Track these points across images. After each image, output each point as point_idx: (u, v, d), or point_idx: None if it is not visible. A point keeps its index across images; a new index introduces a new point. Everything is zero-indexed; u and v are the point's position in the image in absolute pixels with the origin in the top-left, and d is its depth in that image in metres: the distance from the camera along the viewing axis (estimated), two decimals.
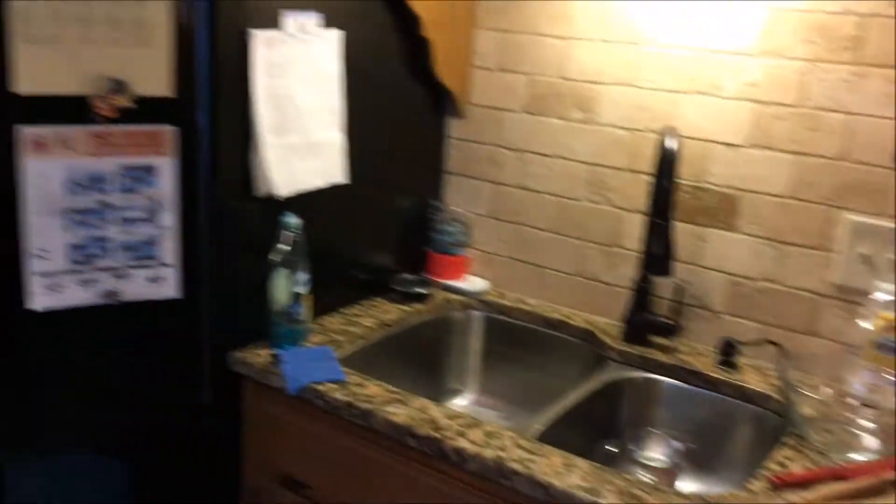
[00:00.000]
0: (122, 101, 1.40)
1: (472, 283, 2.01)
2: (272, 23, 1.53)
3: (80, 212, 1.43)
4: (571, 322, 1.86)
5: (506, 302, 1.95)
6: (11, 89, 1.32)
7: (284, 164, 1.59)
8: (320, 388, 1.49)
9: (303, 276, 1.61)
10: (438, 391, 1.92)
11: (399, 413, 1.42)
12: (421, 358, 1.90)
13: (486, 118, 1.96)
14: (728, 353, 1.67)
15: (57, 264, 1.43)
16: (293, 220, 1.58)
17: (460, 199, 2.04)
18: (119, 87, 1.38)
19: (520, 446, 1.34)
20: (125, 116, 1.41)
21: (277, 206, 1.59)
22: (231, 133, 1.52)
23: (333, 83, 1.66)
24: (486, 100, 1.95)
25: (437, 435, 1.36)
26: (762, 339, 1.67)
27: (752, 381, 1.62)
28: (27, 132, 1.36)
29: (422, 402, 1.46)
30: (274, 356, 1.59)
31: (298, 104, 1.60)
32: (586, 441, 1.58)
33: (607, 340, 1.76)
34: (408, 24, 1.80)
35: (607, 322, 1.85)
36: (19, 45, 1.31)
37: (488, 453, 1.31)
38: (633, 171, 1.78)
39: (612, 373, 1.71)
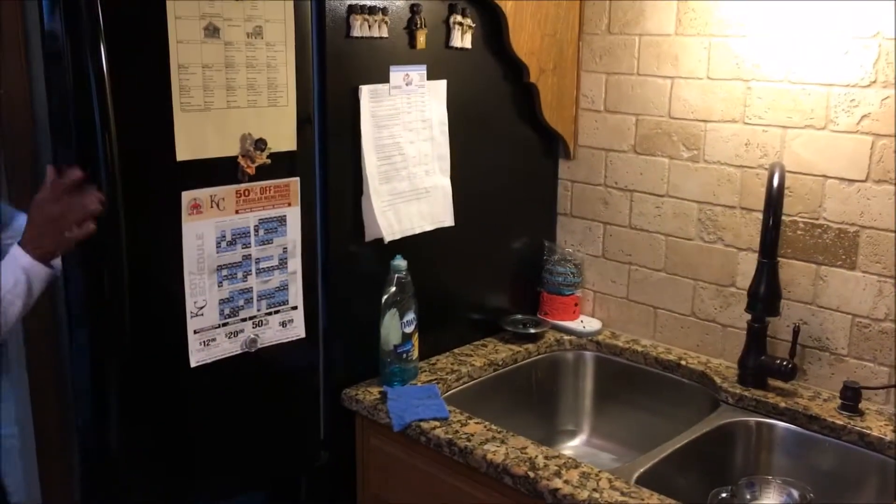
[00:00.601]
0: (262, 159, 1.50)
1: (585, 323, 2.01)
2: (380, 77, 1.62)
3: (227, 267, 1.51)
4: (685, 363, 1.82)
5: (619, 342, 1.93)
6: (176, 158, 1.41)
7: (392, 210, 1.67)
8: (424, 425, 1.54)
9: (412, 317, 1.67)
10: (551, 432, 1.92)
11: (497, 452, 1.44)
12: (532, 398, 1.91)
13: (596, 159, 1.97)
14: (851, 397, 1.58)
15: (210, 320, 1.50)
16: (401, 262, 1.65)
17: (572, 239, 2.05)
18: (262, 145, 1.50)
19: (615, 488, 1.33)
20: (259, 173, 1.51)
21: (387, 249, 1.67)
22: (343, 182, 1.61)
23: (440, 131, 1.74)
24: (595, 141, 1.97)
25: (532, 475, 1.37)
26: (889, 384, 1.57)
27: (878, 427, 1.53)
28: (185, 196, 1.44)
29: (521, 441, 1.48)
30: (382, 393, 1.65)
31: (405, 152, 1.68)
32: (697, 486, 1.54)
33: (722, 383, 1.71)
34: (514, 72, 1.85)
35: (722, 364, 1.79)
36: (179, 115, 1.40)
37: (582, 494, 1.31)
38: (744, 209, 1.74)
39: (727, 416, 1.65)
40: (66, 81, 1.32)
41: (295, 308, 1.62)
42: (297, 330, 1.63)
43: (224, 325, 1.53)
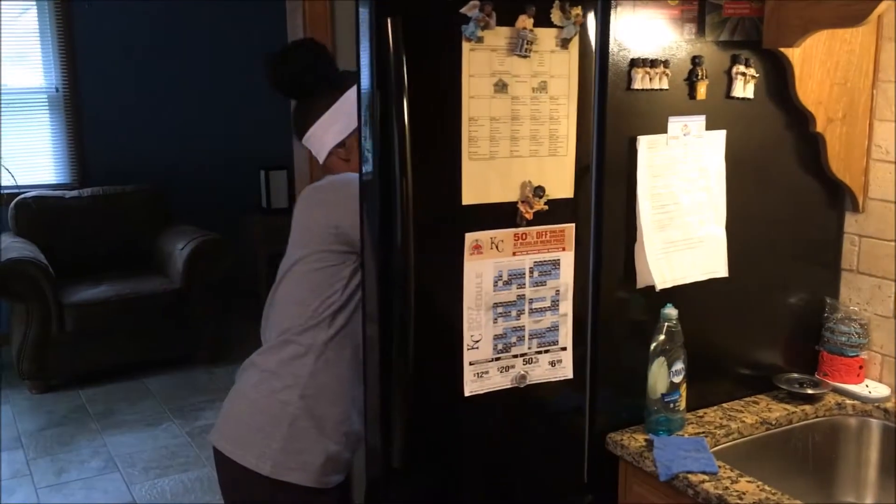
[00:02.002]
0: (539, 205, 1.59)
1: (871, 388, 1.86)
2: (658, 128, 1.65)
3: (503, 305, 1.60)
4: None
5: None
6: (462, 202, 1.54)
7: (665, 258, 1.68)
8: (692, 478, 1.52)
9: (679, 367, 1.66)
10: (827, 501, 1.80)
11: None
12: (807, 463, 1.80)
13: (889, 213, 1.84)
14: None
15: (484, 353, 1.60)
16: (672, 311, 1.65)
17: (858, 297, 1.92)
18: (540, 192, 1.59)
19: None
20: (536, 218, 1.59)
21: (657, 296, 1.68)
22: (616, 229, 1.65)
23: (716, 181, 1.72)
24: (889, 193, 1.84)
25: None
26: None
27: None
28: (469, 237, 1.55)
29: None
30: (648, 441, 1.65)
31: (680, 201, 1.69)
32: None
33: None
34: (798, 122, 1.79)
35: None
36: (467, 163, 1.53)
37: None
38: None
39: None
40: (375, 132, 1.50)
41: (564, 349, 1.67)
42: (566, 370, 1.67)
43: (497, 359, 1.62)
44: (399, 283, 1.49)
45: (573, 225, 1.63)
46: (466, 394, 1.59)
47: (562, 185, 1.61)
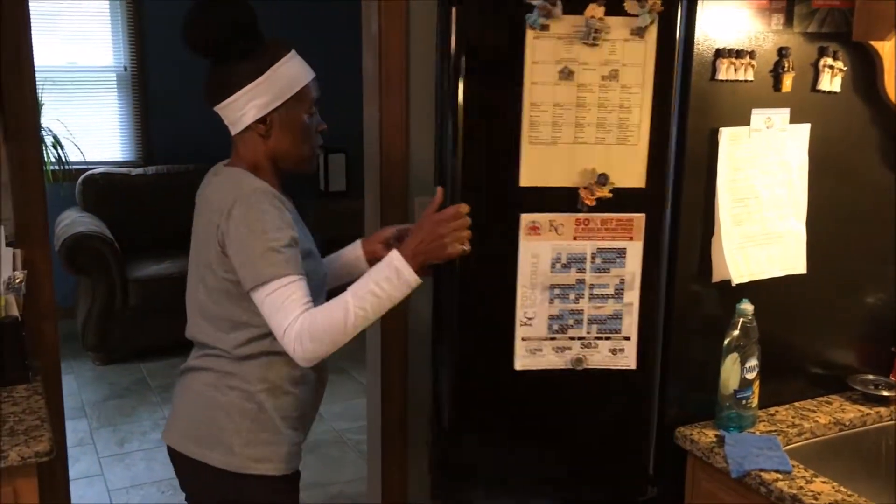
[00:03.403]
0: (603, 193, 1.60)
1: None
2: (741, 120, 1.62)
3: (560, 287, 1.64)
4: None
5: None
6: (518, 184, 1.60)
7: (742, 253, 1.65)
8: (765, 476, 1.50)
9: (753, 363, 1.63)
10: None
11: None
12: (879, 466, 1.76)
13: None
14: None
15: (538, 331, 1.65)
16: (748, 306, 1.63)
17: None
18: (603, 180, 1.59)
19: None
20: (601, 205, 1.61)
21: (732, 291, 1.65)
22: (693, 222, 1.63)
23: (798, 175, 1.69)
24: None
25: None
26: None
27: None
28: (525, 218, 1.61)
29: None
30: (719, 437, 1.63)
31: (760, 195, 1.66)
32: None
33: None
34: (885, 117, 1.75)
35: None
36: (526, 147, 1.59)
37: None
38: None
39: None
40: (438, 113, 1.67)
41: (627, 339, 1.66)
42: (628, 360, 1.67)
43: (552, 339, 1.66)
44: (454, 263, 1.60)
45: (643, 215, 1.62)
46: (517, 367, 1.65)
47: (631, 174, 1.61)
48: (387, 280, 1.49)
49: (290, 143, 1.61)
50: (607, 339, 1.66)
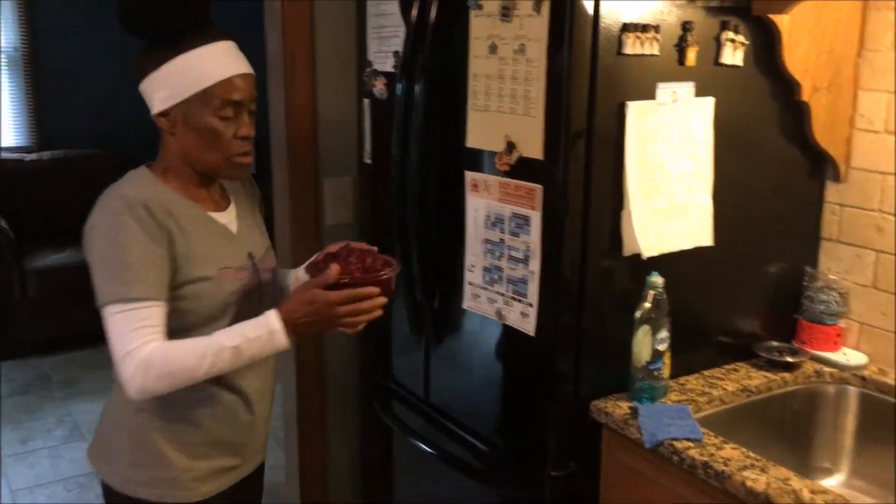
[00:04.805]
0: (511, 160, 1.66)
1: (848, 356, 1.88)
2: (649, 94, 1.63)
3: (490, 242, 1.77)
4: None
5: (888, 380, 1.79)
6: (465, 144, 1.80)
7: (651, 226, 1.67)
8: (677, 444, 1.52)
9: (664, 335, 1.66)
10: (804, 468, 1.82)
11: (758, 480, 1.39)
12: (785, 430, 1.82)
13: (870, 182, 1.85)
14: None
15: (477, 279, 1.82)
16: (657, 279, 1.65)
17: (837, 266, 1.94)
18: (510, 148, 1.62)
19: None
20: (515, 172, 1.68)
21: (642, 265, 1.67)
22: (603, 196, 1.64)
23: (703, 149, 1.71)
24: (870, 163, 1.85)
25: None
26: None
27: None
28: (468, 175, 1.80)
29: (783, 471, 1.42)
30: (632, 409, 1.65)
31: (668, 169, 1.67)
32: None
33: None
34: (785, 90, 1.79)
35: None
36: (470, 112, 1.77)
37: None
38: None
39: None
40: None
41: (531, 305, 1.69)
42: (529, 326, 1.70)
43: (485, 288, 1.81)
44: (414, 199, 1.92)
45: (540, 187, 1.63)
46: (464, 306, 1.86)
47: (532, 145, 1.64)
48: (257, 339, 1.42)
49: (194, 145, 1.48)
50: (518, 301, 1.72)
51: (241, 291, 1.55)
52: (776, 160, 1.86)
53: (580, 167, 1.61)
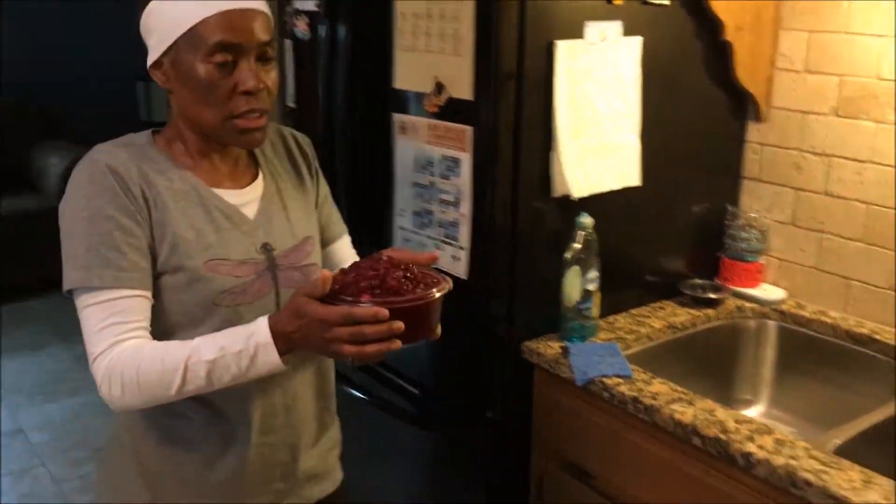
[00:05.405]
0: (440, 101, 1.62)
1: (768, 291, 1.94)
2: (576, 33, 1.61)
3: (420, 186, 1.75)
4: (880, 338, 1.73)
5: (804, 313, 1.86)
6: (393, 85, 1.76)
7: (581, 166, 1.67)
8: (607, 381, 1.55)
9: (593, 275, 1.67)
10: (726, 399, 1.88)
11: (685, 412, 1.43)
12: (709, 363, 1.88)
13: (790, 122, 1.89)
14: None
15: (407, 223, 1.81)
16: (587, 219, 1.65)
17: (758, 204, 1.99)
18: (439, 89, 1.57)
19: (813, 457, 1.29)
20: (443, 114, 1.65)
21: (572, 205, 1.67)
22: (534, 136, 1.63)
23: (632, 88, 1.71)
24: (790, 103, 1.89)
25: (724, 437, 1.35)
26: None
27: None
28: (396, 117, 1.78)
29: (708, 403, 1.46)
30: (564, 348, 1.67)
31: (597, 108, 1.67)
32: (892, 465, 1.47)
33: None
34: (709, 29, 1.80)
35: None
36: (397, 52, 1.72)
37: (778, 461, 1.28)
38: None
39: None
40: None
41: (462, 248, 1.69)
42: (460, 270, 1.69)
43: (416, 232, 1.79)
44: (340, 144, 1.88)
45: (471, 128, 1.62)
46: None
47: (461, 85, 1.62)
48: (241, 354, 1.12)
49: (189, 101, 1.19)
50: (449, 244, 1.71)
51: (243, 292, 1.22)
52: (701, 100, 1.88)
53: (510, 108, 1.59)
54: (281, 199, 1.33)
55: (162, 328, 1.21)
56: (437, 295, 1.15)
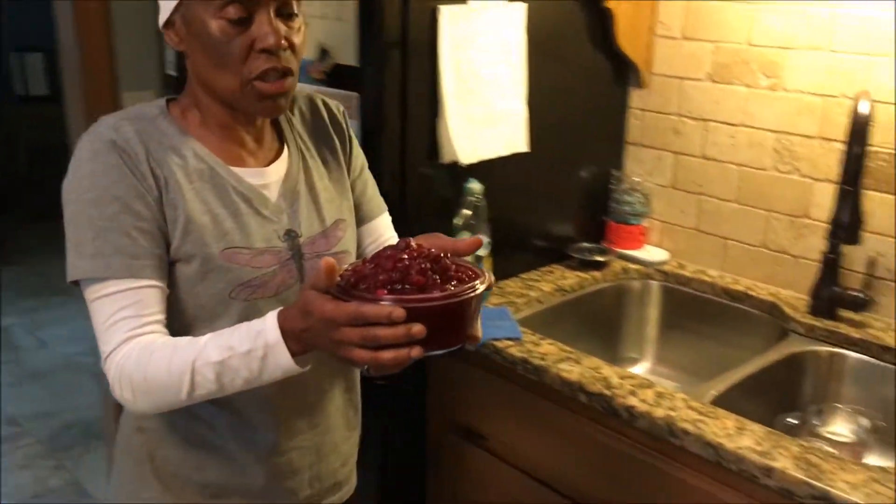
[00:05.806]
0: (326, 68, 1.59)
1: (651, 252, 2.01)
2: None
3: None
4: (754, 294, 1.82)
5: (685, 273, 1.94)
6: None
7: (468, 133, 1.68)
8: (498, 344, 1.57)
9: (484, 240, 1.69)
10: (614, 358, 1.95)
11: (572, 371, 1.47)
12: (597, 324, 1.93)
13: (669, 87, 1.95)
14: None
15: None
16: (476, 186, 1.67)
17: (641, 169, 2.05)
18: (323, 55, 1.54)
19: (691, 408, 1.35)
20: (329, 81, 1.61)
21: (461, 172, 1.68)
22: (421, 103, 1.62)
23: (516, 55, 1.73)
24: (669, 69, 1.95)
25: (608, 392, 1.40)
26: None
27: None
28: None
29: (594, 361, 1.51)
30: None
31: (482, 75, 1.68)
32: (765, 412, 1.55)
33: (792, 314, 1.72)
34: None
35: (793, 295, 1.79)
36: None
37: (659, 412, 1.34)
38: (823, 139, 1.72)
39: (797, 345, 1.66)
40: None
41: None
42: None
43: None
44: None
45: (357, 95, 1.61)
46: None
47: (346, 51, 1.60)
48: (250, 355, 1.00)
49: (204, 64, 1.07)
50: None
51: (264, 285, 1.11)
52: (585, 67, 1.91)
53: (396, 75, 1.58)
54: (308, 177, 1.20)
55: (179, 323, 1.10)
56: (471, 294, 0.95)
